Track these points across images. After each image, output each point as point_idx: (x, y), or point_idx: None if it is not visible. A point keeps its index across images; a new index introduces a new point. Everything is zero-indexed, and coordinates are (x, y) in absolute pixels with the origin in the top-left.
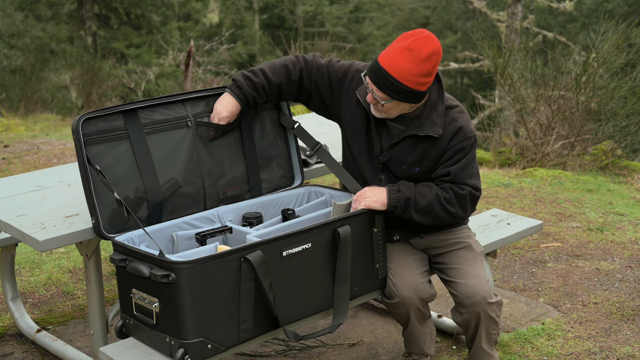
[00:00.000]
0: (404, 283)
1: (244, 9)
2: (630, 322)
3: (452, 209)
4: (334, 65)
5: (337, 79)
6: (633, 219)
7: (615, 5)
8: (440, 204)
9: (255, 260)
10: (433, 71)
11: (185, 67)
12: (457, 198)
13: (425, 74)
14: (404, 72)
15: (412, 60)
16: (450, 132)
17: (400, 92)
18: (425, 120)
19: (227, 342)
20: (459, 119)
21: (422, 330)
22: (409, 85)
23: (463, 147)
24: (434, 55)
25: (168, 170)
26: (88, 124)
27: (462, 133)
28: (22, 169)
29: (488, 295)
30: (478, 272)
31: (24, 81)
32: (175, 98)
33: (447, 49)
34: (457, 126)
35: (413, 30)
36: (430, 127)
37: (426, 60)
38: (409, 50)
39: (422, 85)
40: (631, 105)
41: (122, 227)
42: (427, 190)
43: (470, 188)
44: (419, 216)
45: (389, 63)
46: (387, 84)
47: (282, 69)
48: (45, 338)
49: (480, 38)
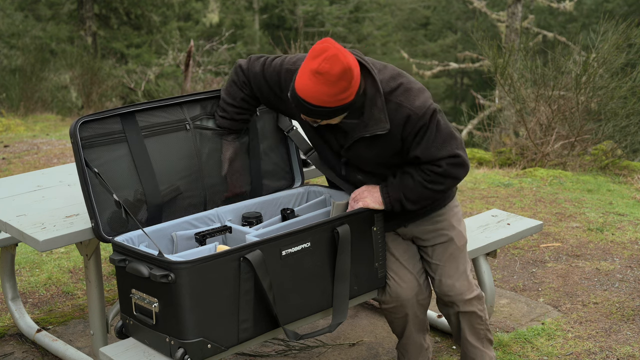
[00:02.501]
0: (402, 285)
1: (244, 9)
2: (630, 322)
3: (440, 187)
4: (268, 70)
5: (274, 82)
6: (633, 219)
7: (615, 5)
8: (426, 188)
9: (254, 260)
10: (350, 84)
11: (185, 67)
12: (438, 176)
13: (342, 91)
14: (322, 97)
15: (325, 82)
16: (399, 122)
17: (326, 113)
18: (369, 120)
19: (227, 341)
20: (404, 102)
21: (418, 342)
22: (332, 106)
23: (419, 127)
24: (345, 73)
25: (168, 174)
26: (86, 127)
27: (412, 119)
28: (22, 169)
29: (466, 289)
30: (455, 270)
31: (24, 81)
32: (172, 101)
33: (447, 49)
34: (404, 114)
35: (319, 47)
36: (375, 126)
37: (339, 80)
38: (319, 74)
39: (345, 99)
40: (631, 105)
41: (121, 230)
42: (411, 182)
43: (446, 160)
44: (415, 205)
45: (305, 91)
46: (310, 111)
47: (234, 87)
48: (45, 338)
49: (480, 38)
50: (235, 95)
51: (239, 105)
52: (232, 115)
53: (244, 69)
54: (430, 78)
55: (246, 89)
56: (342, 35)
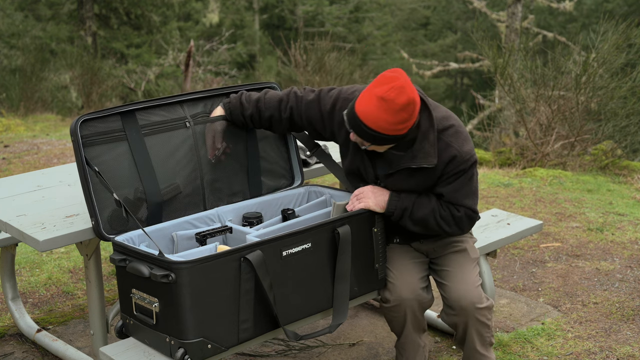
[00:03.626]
0: (402, 285)
1: (244, 9)
2: (630, 322)
3: (447, 228)
4: (324, 98)
5: (327, 110)
6: (633, 219)
7: (615, 5)
8: (435, 219)
9: (255, 260)
10: (411, 117)
11: (185, 67)
12: (453, 218)
13: (402, 122)
14: (380, 122)
15: (387, 110)
16: (444, 159)
17: (379, 139)
18: (418, 152)
19: (227, 342)
20: (453, 143)
21: (416, 341)
22: (387, 133)
23: (459, 171)
24: (409, 105)
25: (168, 172)
26: (86, 125)
27: (457, 160)
28: (22, 169)
29: (477, 300)
30: (468, 277)
31: (24, 81)
32: (172, 99)
33: (447, 49)
34: (451, 154)
35: (388, 75)
36: (423, 159)
37: (401, 110)
38: (383, 100)
39: (400, 130)
40: (631, 105)
41: (121, 228)
42: (427, 202)
43: (466, 209)
44: (414, 225)
45: (365, 113)
46: (364, 134)
47: (275, 103)
48: (45, 338)
49: (480, 38)
50: (271, 108)
51: (259, 117)
52: (244, 115)
53: (297, 96)
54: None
55: (283, 113)
56: (342, 35)
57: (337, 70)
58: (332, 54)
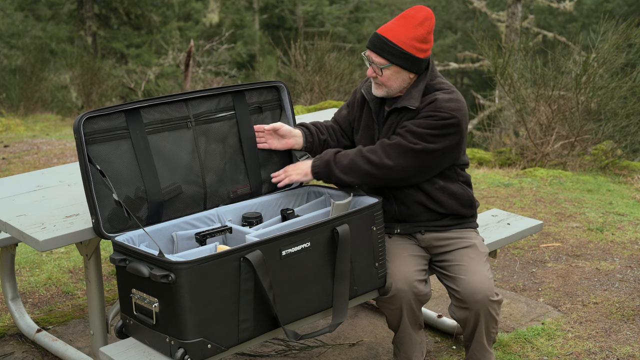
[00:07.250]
0: (400, 276)
1: (244, 9)
2: (630, 322)
3: (374, 157)
4: (347, 102)
5: (349, 103)
6: (633, 219)
7: (615, 5)
8: (362, 156)
9: (254, 260)
10: (428, 38)
11: (185, 67)
12: (382, 147)
13: (420, 39)
14: (400, 36)
15: (406, 25)
16: (425, 102)
17: (398, 55)
18: (405, 95)
19: (227, 342)
20: (439, 96)
21: (413, 336)
22: (406, 49)
23: (429, 115)
24: (426, 20)
25: (169, 171)
26: (90, 122)
27: (434, 105)
28: (22, 169)
29: (490, 293)
30: (481, 270)
31: (24, 81)
32: (177, 98)
33: (447, 49)
34: (432, 99)
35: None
36: (407, 100)
37: (420, 25)
38: (403, 18)
39: (418, 50)
40: (631, 105)
41: (122, 227)
42: (350, 151)
43: (401, 138)
44: (345, 175)
45: (386, 30)
46: (385, 47)
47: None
48: (45, 338)
49: (480, 38)
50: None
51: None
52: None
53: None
54: None
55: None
56: (342, 35)
57: (337, 70)
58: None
